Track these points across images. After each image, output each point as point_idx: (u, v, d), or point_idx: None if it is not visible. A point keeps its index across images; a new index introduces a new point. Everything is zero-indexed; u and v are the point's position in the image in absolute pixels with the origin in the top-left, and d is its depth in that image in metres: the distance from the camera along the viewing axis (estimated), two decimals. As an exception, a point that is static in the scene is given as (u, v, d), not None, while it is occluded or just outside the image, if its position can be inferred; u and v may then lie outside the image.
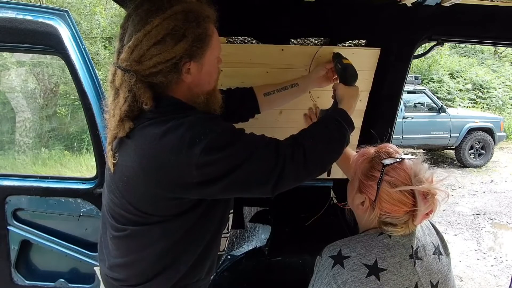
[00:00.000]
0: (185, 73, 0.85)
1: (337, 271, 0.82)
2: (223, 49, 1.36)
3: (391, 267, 0.82)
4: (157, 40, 0.80)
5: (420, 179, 0.83)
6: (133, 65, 0.81)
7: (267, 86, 1.29)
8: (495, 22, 1.30)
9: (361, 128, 1.59)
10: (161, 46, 0.80)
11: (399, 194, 0.83)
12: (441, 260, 0.90)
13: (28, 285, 1.84)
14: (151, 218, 0.86)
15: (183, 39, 0.82)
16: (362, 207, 0.90)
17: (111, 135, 0.87)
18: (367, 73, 1.46)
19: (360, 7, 1.27)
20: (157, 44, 0.80)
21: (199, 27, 0.83)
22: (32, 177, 1.81)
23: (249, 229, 1.89)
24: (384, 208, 0.85)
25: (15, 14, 1.51)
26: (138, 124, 0.84)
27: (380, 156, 0.90)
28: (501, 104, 11.36)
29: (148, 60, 0.81)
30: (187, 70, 0.85)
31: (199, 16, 0.84)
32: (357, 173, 0.93)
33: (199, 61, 0.86)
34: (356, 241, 0.87)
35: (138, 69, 0.81)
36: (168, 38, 0.80)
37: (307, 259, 1.70)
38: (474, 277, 3.49)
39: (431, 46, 1.46)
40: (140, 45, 0.80)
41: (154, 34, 0.79)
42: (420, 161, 0.87)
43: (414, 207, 0.82)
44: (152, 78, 0.83)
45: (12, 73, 6.34)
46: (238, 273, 1.69)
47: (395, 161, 0.86)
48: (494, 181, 6.52)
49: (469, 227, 4.59)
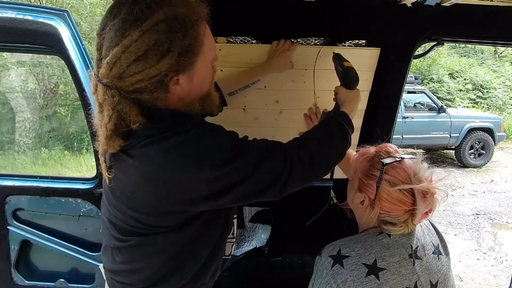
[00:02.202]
0: (173, 85, 0.77)
1: (337, 270, 0.83)
2: (223, 49, 1.38)
3: (390, 267, 0.83)
4: (137, 56, 0.70)
5: (419, 178, 0.83)
6: (114, 81, 0.72)
7: (230, 84, 1.26)
8: (495, 22, 1.30)
9: (361, 128, 1.59)
10: (143, 62, 0.71)
11: (398, 193, 0.83)
12: (440, 260, 0.90)
13: (28, 285, 1.84)
14: (156, 229, 0.85)
15: (168, 54, 0.72)
16: (362, 206, 0.90)
17: (101, 149, 0.82)
18: (367, 73, 1.46)
19: (360, 7, 1.27)
20: (138, 60, 0.70)
21: (185, 37, 0.73)
22: (32, 177, 1.81)
23: (249, 229, 1.89)
24: (384, 207, 0.85)
25: (15, 14, 1.51)
26: (136, 142, 0.78)
27: (380, 156, 0.90)
28: (501, 104, 11.36)
29: (130, 77, 0.72)
30: (175, 82, 0.77)
31: (185, 23, 0.73)
32: (357, 172, 0.93)
33: (189, 72, 0.78)
34: (356, 240, 0.88)
35: (120, 85, 0.73)
36: (150, 53, 0.70)
37: (307, 259, 1.70)
38: (474, 277, 3.50)
39: (431, 46, 1.46)
40: (119, 62, 0.71)
41: (133, 49, 0.70)
42: (420, 160, 0.88)
43: (414, 206, 0.83)
44: (137, 95, 0.75)
45: (12, 73, 6.34)
46: (238, 273, 1.69)
47: (395, 160, 0.87)
48: (494, 181, 6.52)
49: (469, 227, 4.59)
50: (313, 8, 1.23)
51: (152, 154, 0.77)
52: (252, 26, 1.36)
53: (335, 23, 1.36)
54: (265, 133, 1.58)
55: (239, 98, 1.31)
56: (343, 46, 1.45)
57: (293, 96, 1.49)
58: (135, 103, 0.76)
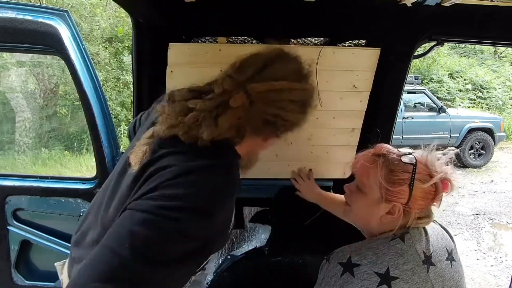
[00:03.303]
0: (263, 140, 0.91)
1: (346, 279, 0.79)
2: (223, 49, 1.38)
3: (403, 275, 0.79)
4: (292, 100, 0.84)
5: (436, 167, 0.85)
6: (256, 96, 0.82)
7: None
8: (495, 22, 1.30)
9: (361, 129, 1.59)
10: (292, 106, 0.84)
11: (429, 187, 0.83)
12: (453, 267, 0.87)
13: (28, 285, 1.83)
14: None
15: (303, 111, 0.88)
16: (392, 216, 0.84)
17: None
18: (367, 73, 1.46)
19: (360, 7, 1.27)
20: (291, 103, 0.84)
21: (302, 113, 0.90)
22: (32, 177, 1.80)
23: (249, 229, 1.88)
24: (419, 206, 0.84)
25: (15, 14, 1.51)
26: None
27: (394, 158, 0.86)
28: (501, 104, 11.36)
29: (278, 107, 0.84)
30: (265, 137, 0.91)
31: (310, 104, 0.91)
32: (374, 185, 0.86)
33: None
34: (367, 247, 0.84)
35: (259, 103, 0.83)
36: (298, 105, 0.86)
37: (307, 259, 1.70)
38: (474, 277, 3.49)
39: (431, 46, 1.46)
40: (280, 92, 0.83)
41: (295, 94, 0.84)
42: (429, 149, 0.88)
43: (436, 194, 0.84)
44: (259, 119, 0.85)
45: (12, 73, 6.34)
46: (238, 273, 1.69)
47: (412, 156, 0.86)
48: (494, 181, 6.52)
49: (469, 227, 4.59)
50: (313, 8, 1.22)
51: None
52: (252, 26, 1.36)
53: (335, 23, 1.36)
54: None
55: None
56: (343, 46, 1.45)
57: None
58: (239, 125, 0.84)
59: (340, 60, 1.42)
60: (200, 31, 1.37)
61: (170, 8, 1.24)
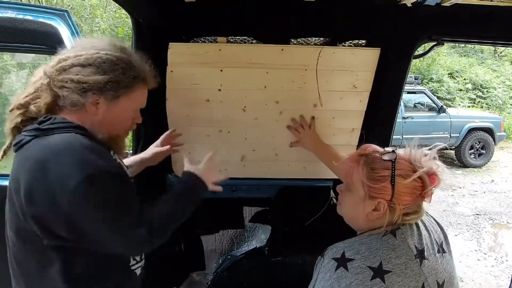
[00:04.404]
0: (91, 104, 0.89)
1: (341, 273, 0.81)
2: (223, 49, 1.38)
3: (396, 269, 0.81)
4: (80, 63, 0.87)
5: (420, 162, 0.85)
6: (53, 73, 0.88)
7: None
8: (495, 22, 1.30)
9: (361, 128, 1.59)
10: (81, 69, 0.87)
11: (413, 182, 0.84)
12: (445, 258, 0.89)
13: (28, 285, 1.83)
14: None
15: (102, 75, 0.88)
16: (378, 212, 0.86)
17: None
18: (367, 73, 1.46)
19: (360, 7, 1.27)
20: (79, 66, 0.87)
21: (123, 74, 0.90)
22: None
23: (249, 229, 1.89)
24: (405, 201, 0.84)
25: (15, 14, 1.51)
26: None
27: (375, 156, 0.88)
28: (501, 103, 11.35)
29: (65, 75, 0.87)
30: (94, 102, 0.89)
31: (130, 68, 0.91)
32: (358, 183, 0.88)
33: (110, 102, 0.91)
34: (360, 242, 0.86)
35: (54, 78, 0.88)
36: (91, 66, 0.87)
37: (307, 259, 1.70)
38: (475, 277, 3.49)
39: (431, 46, 1.46)
40: (65, 61, 0.88)
41: (82, 59, 0.87)
42: (410, 146, 0.89)
43: (423, 189, 0.84)
44: (60, 90, 0.88)
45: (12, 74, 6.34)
46: (238, 273, 1.69)
47: (393, 153, 0.86)
48: (495, 181, 6.52)
49: (470, 227, 4.59)
50: (313, 8, 1.22)
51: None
52: (252, 26, 1.36)
53: (335, 23, 1.36)
54: (265, 133, 1.58)
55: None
56: (343, 46, 1.45)
57: (293, 96, 1.49)
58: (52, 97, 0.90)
59: (340, 60, 1.42)
60: (200, 31, 1.37)
61: (170, 8, 1.24)
